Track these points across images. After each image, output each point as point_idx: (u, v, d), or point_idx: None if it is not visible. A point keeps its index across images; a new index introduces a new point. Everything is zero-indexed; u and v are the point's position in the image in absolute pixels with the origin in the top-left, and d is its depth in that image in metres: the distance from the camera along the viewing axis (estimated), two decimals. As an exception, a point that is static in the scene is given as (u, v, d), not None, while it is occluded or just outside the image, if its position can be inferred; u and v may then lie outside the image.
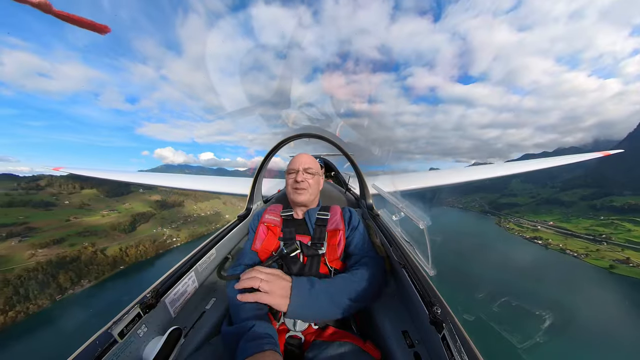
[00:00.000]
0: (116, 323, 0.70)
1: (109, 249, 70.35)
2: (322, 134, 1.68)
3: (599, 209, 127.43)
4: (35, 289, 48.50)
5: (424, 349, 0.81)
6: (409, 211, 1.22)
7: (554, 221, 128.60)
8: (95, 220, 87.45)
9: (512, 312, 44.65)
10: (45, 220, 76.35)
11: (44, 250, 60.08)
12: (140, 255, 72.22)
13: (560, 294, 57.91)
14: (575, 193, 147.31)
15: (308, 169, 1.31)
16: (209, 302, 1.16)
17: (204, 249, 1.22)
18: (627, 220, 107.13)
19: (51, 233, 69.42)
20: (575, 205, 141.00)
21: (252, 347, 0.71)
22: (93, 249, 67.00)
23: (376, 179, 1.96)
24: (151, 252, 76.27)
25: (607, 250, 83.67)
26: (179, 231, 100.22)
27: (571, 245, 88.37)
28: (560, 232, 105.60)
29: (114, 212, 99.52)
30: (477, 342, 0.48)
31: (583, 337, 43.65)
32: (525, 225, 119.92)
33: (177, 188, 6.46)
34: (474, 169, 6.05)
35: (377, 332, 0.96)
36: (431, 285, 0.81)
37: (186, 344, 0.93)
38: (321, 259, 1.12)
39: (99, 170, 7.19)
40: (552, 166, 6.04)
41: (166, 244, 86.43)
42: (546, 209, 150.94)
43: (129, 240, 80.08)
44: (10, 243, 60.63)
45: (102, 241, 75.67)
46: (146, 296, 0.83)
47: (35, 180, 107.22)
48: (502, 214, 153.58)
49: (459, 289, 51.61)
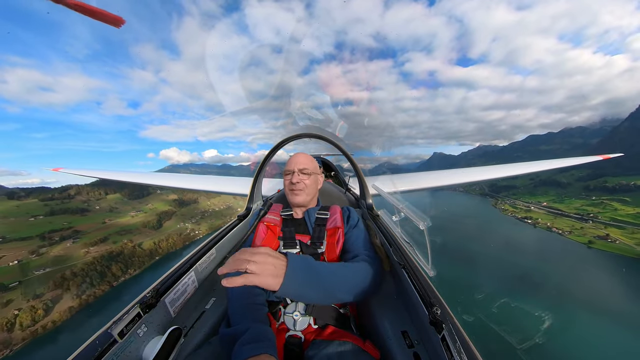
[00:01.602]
0: (116, 323, 0.69)
1: (144, 243, 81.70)
2: (322, 134, 1.69)
3: (592, 189, 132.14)
4: (97, 278, 59.74)
5: (424, 349, 0.81)
6: (409, 212, 1.21)
7: (548, 202, 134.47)
8: (127, 220, 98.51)
9: (492, 278, 52.82)
10: (85, 224, 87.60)
11: (95, 247, 71.26)
12: (170, 247, 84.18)
13: (535, 263, 65.18)
14: (573, 174, 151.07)
15: (304, 169, 1.30)
16: (209, 302, 1.16)
17: (204, 248, 1.21)
18: (617, 200, 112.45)
19: (94, 234, 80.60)
20: (571, 187, 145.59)
21: (247, 350, 0.70)
22: (132, 244, 78.26)
23: (376, 180, 1.99)
24: (179, 244, 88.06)
25: (590, 227, 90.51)
26: (199, 225, 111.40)
27: (558, 223, 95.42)
28: (551, 212, 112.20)
29: (141, 212, 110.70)
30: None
31: (552, 296, 50.76)
32: (520, 206, 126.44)
33: (177, 188, 6.24)
34: (475, 170, 5.97)
35: (376, 331, 0.96)
36: (431, 286, 0.80)
37: (186, 344, 0.92)
38: (320, 257, 1.12)
39: (96, 170, 7.27)
40: (550, 168, 5.80)
41: (190, 237, 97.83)
42: (543, 190, 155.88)
43: (158, 236, 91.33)
44: (66, 244, 71.67)
45: (137, 237, 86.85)
46: (146, 296, 0.82)
47: (65, 190, 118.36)
48: (500, 196, 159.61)
49: (446, 261, 60.11)
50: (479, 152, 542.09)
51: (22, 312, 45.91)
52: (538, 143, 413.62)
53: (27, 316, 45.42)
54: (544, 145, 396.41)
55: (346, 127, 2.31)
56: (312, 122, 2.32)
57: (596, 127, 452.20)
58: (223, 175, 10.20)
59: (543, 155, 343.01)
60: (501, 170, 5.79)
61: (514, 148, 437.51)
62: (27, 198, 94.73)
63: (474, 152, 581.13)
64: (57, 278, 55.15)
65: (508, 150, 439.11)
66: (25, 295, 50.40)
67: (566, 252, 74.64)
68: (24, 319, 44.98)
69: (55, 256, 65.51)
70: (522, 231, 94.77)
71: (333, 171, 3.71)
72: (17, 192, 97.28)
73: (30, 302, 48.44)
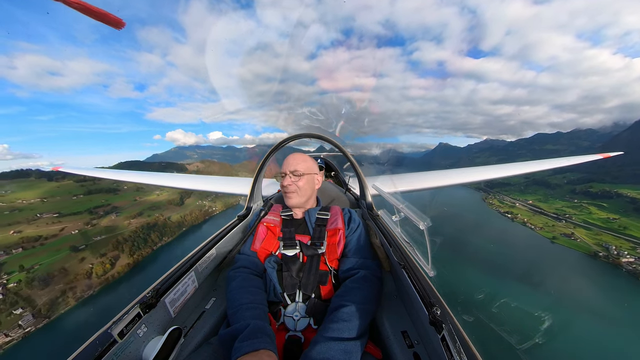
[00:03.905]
0: (116, 323, 0.69)
1: (172, 217, 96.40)
2: (322, 134, 1.68)
3: (577, 193, 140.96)
4: (141, 243, 74.55)
5: (423, 350, 0.81)
6: (409, 212, 1.21)
7: (534, 200, 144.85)
8: (154, 198, 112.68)
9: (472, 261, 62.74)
10: (119, 201, 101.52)
11: (135, 220, 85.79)
12: (193, 221, 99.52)
13: (500, 248, 76.03)
14: (565, 177, 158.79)
15: (295, 171, 1.29)
16: (209, 302, 1.16)
17: (204, 248, 1.20)
18: (595, 205, 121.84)
19: (131, 209, 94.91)
20: (559, 188, 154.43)
21: (246, 346, 0.70)
22: (163, 217, 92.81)
23: (376, 180, 1.97)
24: (200, 218, 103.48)
25: (561, 226, 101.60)
26: (215, 203, 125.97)
27: (534, 220, 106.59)
28: (532, 210, 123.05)
29: (164, 191, 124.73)
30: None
31: (499, 270, 60.33)
32: (507, 202, 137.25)
33: (176, 188, 6.13)
34: (475, 170, 5.81)
35: (376, 332, 0.96)
36: (431, 286, 0.80)
37: (186, 344, 0.92)
38: (321, 258, 1.11)
39: (96, 170, 7.47)
40: (552, 167, 5.67)
41: (209, 212, 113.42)
42: (533, 189, 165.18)
43: (183, 211, 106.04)
44: (112, 217, 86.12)
45: (166, 212, 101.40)
46: (146, 296, 0.82)
47: None
48: (492, 191, 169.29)
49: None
50: (485, 145, 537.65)
51: (95, 265, 60.89)
52: (545, 142, 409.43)
53: (99, 268, 60.48)
54: (550, 145, 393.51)
55: (345, 126, 2.22)
56: (312, 122, 2.29)
57: (607, 130, 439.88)
58: (229, 157, 14.51)
59: (548, 155, 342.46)
60: (502, 170, 5.66)
61: (520, 145, 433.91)
62: (64, 180, 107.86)
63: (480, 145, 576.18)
64: (114, 242, 69.79)
65: (514, 146, 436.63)
66: (94, 254, 65.39)
67: (530, 244, 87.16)
68: (98, 270, 60.05)
69: (105, 226, 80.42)
70: (499, 223, 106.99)
71: (333, 171, 3.82)
72: (55, 174, 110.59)
73: (99, 259, 63.38)
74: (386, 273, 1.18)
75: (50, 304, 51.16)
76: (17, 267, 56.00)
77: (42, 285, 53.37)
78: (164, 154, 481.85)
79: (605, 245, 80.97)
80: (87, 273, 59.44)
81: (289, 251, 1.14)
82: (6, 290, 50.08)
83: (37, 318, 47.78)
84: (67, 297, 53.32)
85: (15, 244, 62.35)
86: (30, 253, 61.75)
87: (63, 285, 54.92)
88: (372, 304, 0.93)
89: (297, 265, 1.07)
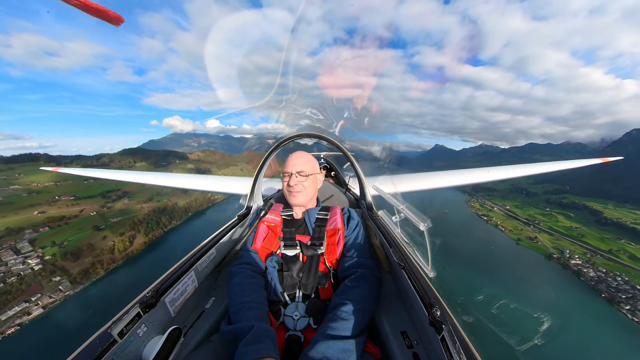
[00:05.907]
0: (116, 323, 0.69)
1: (179, 202, 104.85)
2: (322, 134, 1.68)
3: (551, 202, 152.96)
4: (154, 224, 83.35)
5: (423, 350, 0.81)
6: (409, 212, 1.20)
7: (511, 206, 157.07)
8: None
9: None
10: (129, 186, 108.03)
11: (146, 204, 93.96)
12: (198, 207, 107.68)
13: (469, 244, 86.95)
14: (544, 187, 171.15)
15: (301, 171, 1.30)
16: (209, 302, 1.16)
17: (204, 248, 1.20)
18: (563, 214, 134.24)
19: (141, 194, 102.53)
20: (537, 197, 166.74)
21: (250, 351, 0.70)
22: (171, 203, 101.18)
23: (376, 180, 1.97)
24: (204, 204, 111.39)
25: (528, 230, 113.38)
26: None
27: (506, 224, 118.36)
28: (507, 214, 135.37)
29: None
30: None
31: (465, 260, 68.75)
32: (486, 206, 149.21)
33: (176, 187, 6.10)
34: (476, 171, 5.81)
35: (376, 331, 0.96)
36: (431, 287, 0.80)
37: (186, 344, 0.92)
38: (320, 258, 1.12)
39: (96, 170, 7.65)
40: (555, 170, 5.76)
41: (212, 199, 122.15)
42: (513, 196, 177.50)
43: (188, 198, 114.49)
44: (125, 201, 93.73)
45: (173, 198, 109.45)
46: (146, 295, 0.82)
47: (99, 158, 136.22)
48: (477, 194, 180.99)
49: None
50: (480, 150, 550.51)
51: (117, 242, 69.69)
52: (535, 152, 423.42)
53: (120, 245, 69.38)
54: (539, 155, 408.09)
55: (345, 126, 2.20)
56: (313, 122, 2.28)
57: (595, 146, 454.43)
58: (226, 146, 17.26)
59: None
60: (503, 172, 5.59)
61: (512, 152, 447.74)
62: (72, 164, 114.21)
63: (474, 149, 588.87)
64: (130, 223, 78.33)
65: (506, 153, 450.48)
66: (114, 233, 74.01)
67: (497, 243, 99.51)
68: (119, 247, 68.94)
69: (120, 209, 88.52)
70: (473, 224, 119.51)
71: (333, 171, 3.82)
72: (63, 159, 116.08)
73: (119, 238, 72.10)
74: (386, 273, 1.19)
75: (83, 273, 60.26)
76: (49, 242, 64.44)
77: (73, 258, 62.27)
78: (161, 140, 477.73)
79: (561, 249, 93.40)
80: (110, 249, 68.40)
81: (289, 251, 1.15)
82: (44, 261, 58.64)
83: (74, 284, 56.88)
84: (97, 268, 62.56)
85: (42, 223, 70.56)
86: (57, 231, 70.16)
87: (92, 259, 64.11)
88: (370, 303, 0.94)
89: (297, 266, 1.09)
